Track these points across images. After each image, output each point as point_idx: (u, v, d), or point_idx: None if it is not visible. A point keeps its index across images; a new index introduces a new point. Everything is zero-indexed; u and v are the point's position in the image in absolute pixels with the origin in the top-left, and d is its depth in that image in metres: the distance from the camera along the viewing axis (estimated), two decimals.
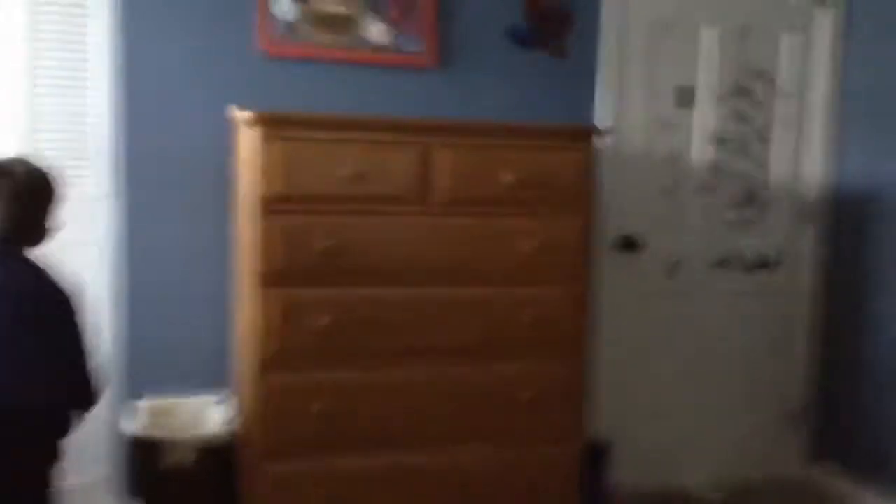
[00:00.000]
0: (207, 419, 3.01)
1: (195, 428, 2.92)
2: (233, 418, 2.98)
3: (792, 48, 3.74)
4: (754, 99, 3.72)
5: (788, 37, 3.73)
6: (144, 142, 3.01)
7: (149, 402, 2.99)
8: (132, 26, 2.96)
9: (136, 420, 2.91)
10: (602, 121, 3.47)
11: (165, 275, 3.08)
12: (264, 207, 2.65)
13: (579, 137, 2.97)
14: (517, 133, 2.93)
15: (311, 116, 2.82)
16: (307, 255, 2.69)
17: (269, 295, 2.68)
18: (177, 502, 2.74)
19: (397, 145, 2.77)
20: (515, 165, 2.86)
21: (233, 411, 3.01)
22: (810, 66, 3.76)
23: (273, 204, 2.65)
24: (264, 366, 2.70)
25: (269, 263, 2.67)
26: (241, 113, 2.77)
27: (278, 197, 2.65)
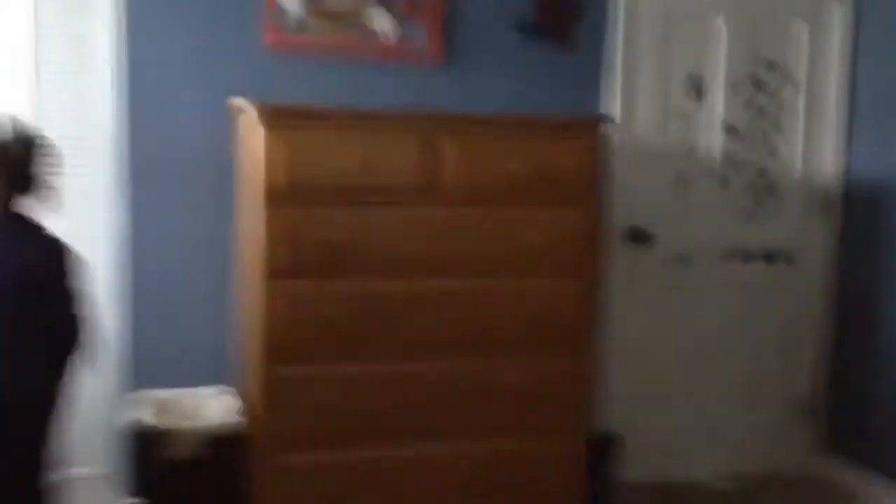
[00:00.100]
0: (210, 411, 3.02)
1: (198, 420, 2.93)
2: (237, 410, 2.98)
3: (803, 38, 3.70)
4: (765, 90, 3.68)
5: (800, 27, 3.69)
6: (148, 137, 3.01)
7: (151, 394, 3.00)
8: (136, 20, 2.96)
9: (139, 412, 2.92)
10: (612, 113, 3.45)
11: (167, 269, 3.08)
12: (269, 199, 2.65)
13: (587, 128, 2.95)
14: (524, 124, 2.92)
15: (317, 108, 2.82)
16: (312, 247, 2.69)
17: (275, 287, 2.68)
18: (181, 494, 2.75)
19: (403, 137, 2.77)
20: (523, 157, 2.84)
21: (237, 403, 3.02)
22: (822, 57, 3.72)
23: (278, 195, 2.65)
24: (269, 357, 2.71)
25: (274, 255, 2.67)
26: (246, 105, 2.76)
27: (284, 188, 2.65)
